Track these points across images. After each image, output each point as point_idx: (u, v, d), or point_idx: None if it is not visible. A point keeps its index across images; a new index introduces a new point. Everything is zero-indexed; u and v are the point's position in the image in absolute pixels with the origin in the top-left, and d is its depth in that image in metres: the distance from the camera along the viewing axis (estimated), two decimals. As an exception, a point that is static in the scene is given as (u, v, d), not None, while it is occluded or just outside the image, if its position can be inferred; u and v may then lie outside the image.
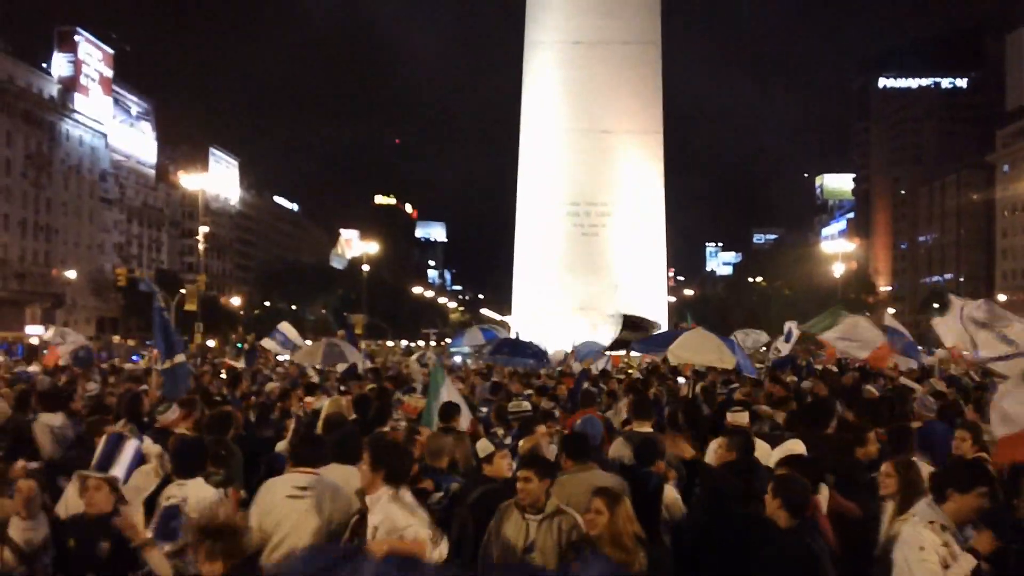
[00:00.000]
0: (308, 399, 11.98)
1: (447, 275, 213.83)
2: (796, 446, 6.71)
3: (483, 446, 6.86)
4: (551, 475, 5.62)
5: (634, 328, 20.21)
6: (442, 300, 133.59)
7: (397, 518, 4.95)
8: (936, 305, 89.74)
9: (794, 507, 5.03)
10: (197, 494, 5.67)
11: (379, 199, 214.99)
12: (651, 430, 8.01)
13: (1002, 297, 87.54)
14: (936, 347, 21.61)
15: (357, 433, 7.18)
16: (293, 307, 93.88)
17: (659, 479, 6.67)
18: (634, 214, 36.11)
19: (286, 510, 5.60)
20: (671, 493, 6.76)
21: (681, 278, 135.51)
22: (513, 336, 25.78)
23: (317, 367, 18.27)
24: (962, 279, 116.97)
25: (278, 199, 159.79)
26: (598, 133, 36.08)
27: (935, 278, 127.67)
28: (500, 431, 9.30)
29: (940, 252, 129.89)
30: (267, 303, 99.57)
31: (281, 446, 8.61)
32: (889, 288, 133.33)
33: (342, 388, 13.57)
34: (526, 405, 9.65)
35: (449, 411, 8.81)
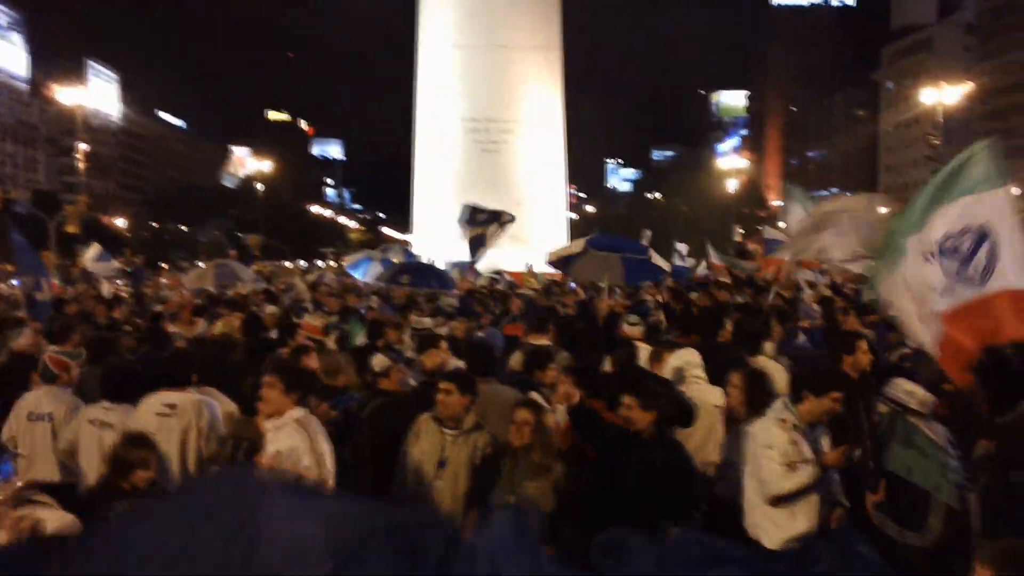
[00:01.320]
0: (197, 320, 11.70)
1: (346, 194, 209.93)
2: (690, 355, 6.89)
3: (379, 361, 6.83)
4: (473, 392, 5.52)
5: (483, 223, 19.81)
6: (342, 220, 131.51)
7: (302, 444, 4.89)
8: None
9: (663, 419, 5.28)
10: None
11: (272, 115, 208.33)
12: (548, 343, 8.12)
13: (883, 210, 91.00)
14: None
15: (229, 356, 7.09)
16: (184, 228, 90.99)
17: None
18: (535, 131, 35.99)
19: (154, 428, 5.50)
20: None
21: (583, 195, 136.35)
22: (414, 257, 25.64)
23: (211, 289, 17.86)
24: (848, 193, 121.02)
25: (165, 116, 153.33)
26: (496, 48, 35.58)
27: (823, 192, 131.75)
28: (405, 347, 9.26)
29: (828, 168, 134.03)
30: (155, 224, 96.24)
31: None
32: (780, 203, 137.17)
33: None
34: (427, 321, 9.64)
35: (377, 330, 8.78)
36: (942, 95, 43.45)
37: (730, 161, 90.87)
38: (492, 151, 35.85)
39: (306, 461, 4.83)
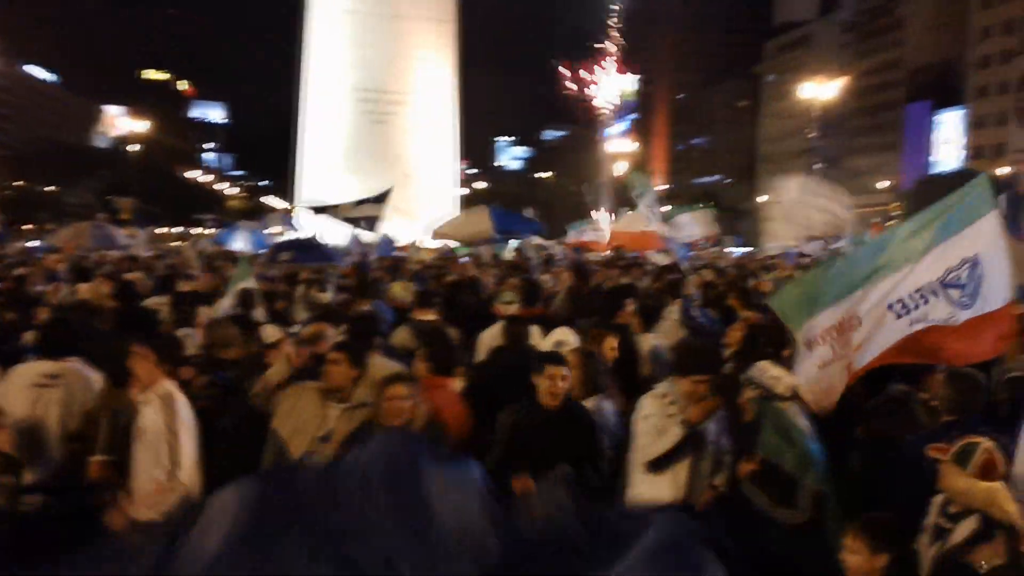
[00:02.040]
0: (59, 285, 11.13)
1: (227, 159, 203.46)
2: (564, 335, 6.93)
3: (269, 332, 6.62)
4: (362, 364, 5.34)
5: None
6: (221, 186, 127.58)
7: (161, 422, 4.75)
8: (701, 204, 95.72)
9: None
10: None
11: (149, 74, 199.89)
12: (434, 318, 8.05)
13: (761, 199, 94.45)
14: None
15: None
16: (51, 189, 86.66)
17: None
18: (426, 104, 35.71)
19: (31, 399, 5.18)
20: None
21: (473, 171, 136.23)
22: (292, 226, 25.16)
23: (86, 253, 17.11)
24: (728, 180, 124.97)
25: (32, 69, 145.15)
26: (391, 17, 35.05)
27: (705, 179, 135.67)
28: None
29: (711, 155, 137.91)
30: (20, 183, 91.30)
31: (29, 336, 7.95)
32: (666, 187, 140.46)
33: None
34: (325, 296, 9.42)
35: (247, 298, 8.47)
36: (819, 90, 45.11)
37: (620, 144, 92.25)
38: (382, 122, 35.41)
39: (161, 441, 4.68)
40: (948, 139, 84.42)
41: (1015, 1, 76.24)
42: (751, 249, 28.39)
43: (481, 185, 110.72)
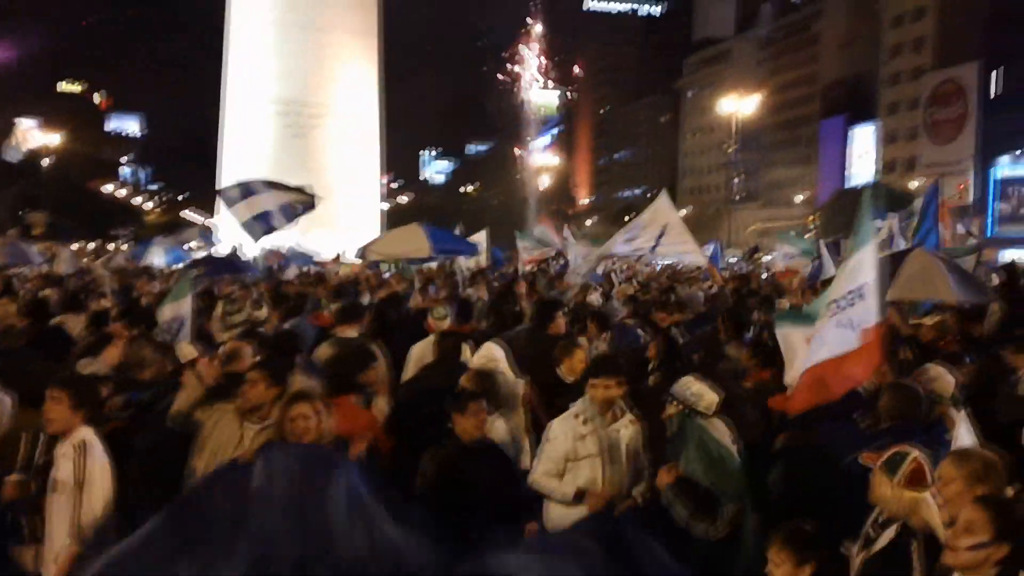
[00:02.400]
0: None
1: (143, 172, 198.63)
2: (493, 349, 6.91)
3: (185, 351, 6.43)
4: (282, 383, 5.19)
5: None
6: (138, 200, 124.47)
7: (72, 476, 4.55)
8: (627, 217, 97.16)
9: None
10: None
11: (63, 86, 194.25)
12: (356, 334, 7.94)
13: (684, 211, 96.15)
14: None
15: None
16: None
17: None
18: (349, 117, 35.42)
19: None
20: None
21: (396, 184, 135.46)
22: (212, 241, 24.68)
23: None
24: (650, 194, 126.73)
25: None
26: (313, 30, 34.71)
27: (627, 192, 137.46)
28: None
29: (633, 169, 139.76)
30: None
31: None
32: (588, 200, 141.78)
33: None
34: (261, 315, 9.19)
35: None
36: (738, 105, 46.12)
37: (543, 157, 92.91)
38: (303, 135, 35.00)
39: (70, 502, 4.53)
40: (862, 153, 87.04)
41: (924, 19, 79.22)
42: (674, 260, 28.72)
43: (405, 199, 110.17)
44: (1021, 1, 64.18)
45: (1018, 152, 67.70)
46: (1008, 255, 45.75)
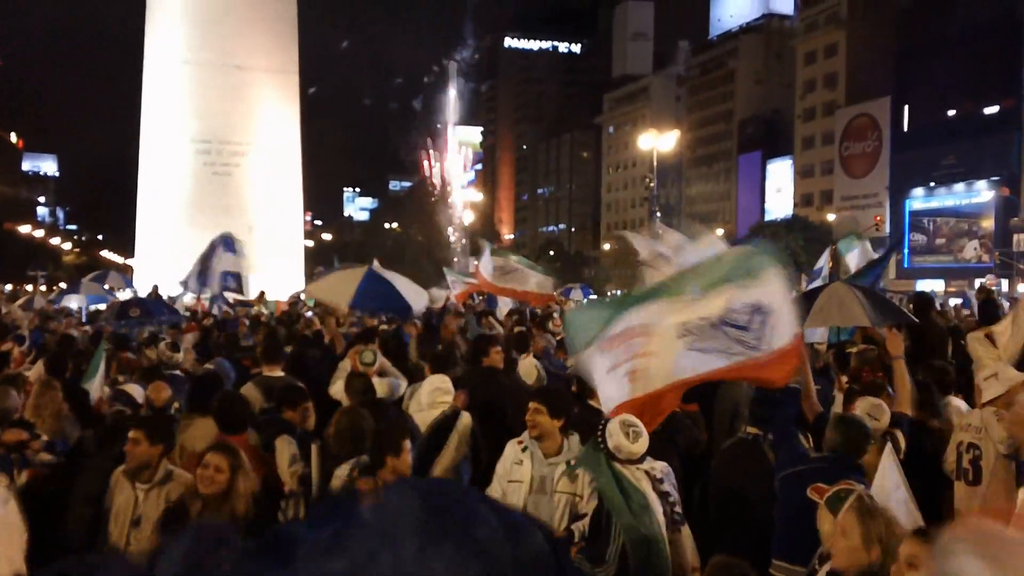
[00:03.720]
0: None
1: (60, 213, 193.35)
2: (440, 381, 6.92)
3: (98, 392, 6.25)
4: (163, 439, 4.98)
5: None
6: (54, 240, 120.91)
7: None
8: (551, 252, 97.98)
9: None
10: None
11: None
12: (282, 374, 7.84)
13: (606, 246, 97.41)
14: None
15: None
16: None
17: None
18: (270, 155, 35.03)
19: None
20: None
21: (319, 222, 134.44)
22: (131, 283, 24.18)
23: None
24: (573, 229, 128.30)
25: None
26: (231, 68, 34.37)
27: (551, 227, 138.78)
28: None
29: (556, 204, 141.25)
30: None
31: None
32: (512, 236, 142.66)
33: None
34: (178, 357, 8.95)
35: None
36: (657, 141, 47.02)
37: (467, 194, 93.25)
38: (223, 174, 34.49)
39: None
40: (779, 187, 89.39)
41: (835, 56, 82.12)
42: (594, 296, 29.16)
43: (328, 236, 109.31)
44: (924, 39, 67.13)
45: (931, 184, 70.36)
46: (922, 286, 47.25)
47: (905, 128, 72.91)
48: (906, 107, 72.62)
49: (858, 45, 79.55)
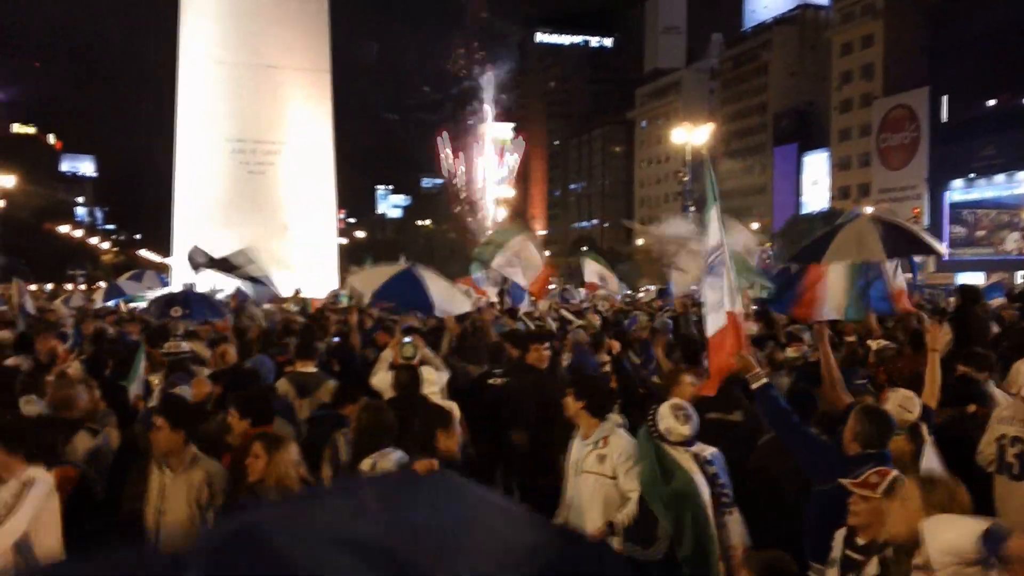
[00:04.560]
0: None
1: (98, 213, 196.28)
2: (431, 374, 7.28)
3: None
4: (187, 424, 5.08)
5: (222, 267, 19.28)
6: (93, 240, 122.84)
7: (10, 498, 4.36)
8: (584, 248, 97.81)
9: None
10: None
11: (16, 128, 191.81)
12: (315, 369, 7.90)
13: (639, 241, 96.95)
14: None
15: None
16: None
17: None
18: (304, 154, 35.26)
19: None
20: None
21: (352, 220, 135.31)
22: (167, 282, 24.51)
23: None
24: (606, 224, 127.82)
25: None
26: (264, 68, 34.64)
27: (583, 223, 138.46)
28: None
29: (587, 200, 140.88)
30: None
31: None
32: (544, 232, 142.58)
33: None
34: (184, 346, 9.01)
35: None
36: (690, 135, 46.66)
37: (499, 190, 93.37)
38: (258, 173, 34.76)
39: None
40: (815, 180, 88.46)
41: (872, 47, 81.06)
42: (629, 292, 29.10)
43: (361, 234, 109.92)
44: (962, 28, 66.01)
45: (971, 176, 69.24)
46: (962, 279, 46.54)
47: (944, 119, 71.79)
48: (944, 98, 71.49)
49: (895, 35, 78.46)
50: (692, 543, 4.61)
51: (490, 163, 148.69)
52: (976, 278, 54.61)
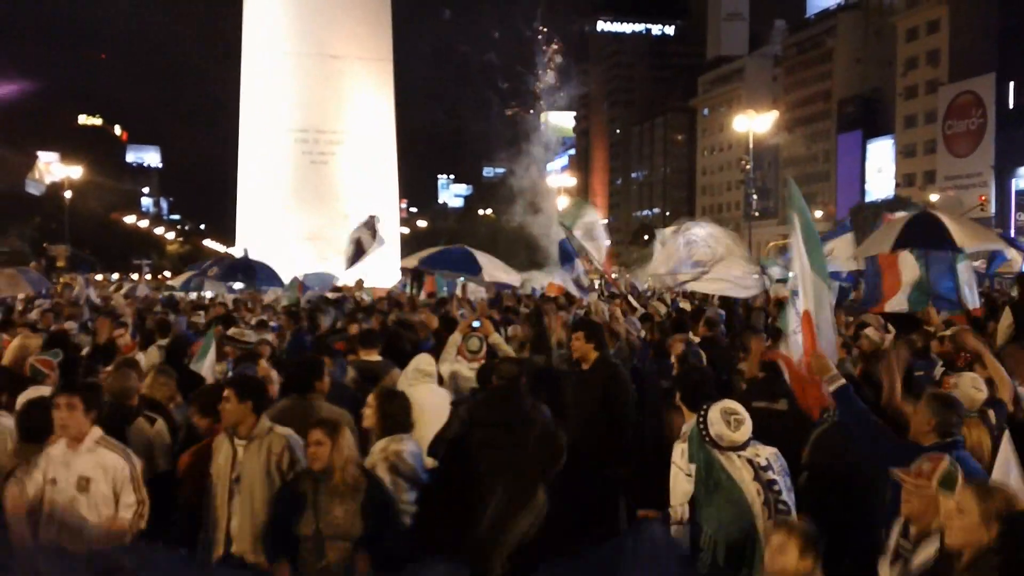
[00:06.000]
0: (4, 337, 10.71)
1: (163, 203, 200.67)
2: (423, 361, 7.13)
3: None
4: (253, 396, 5.21)
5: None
6: (158, 230, 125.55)
7: (119, 463, 4.82)
8: (645, 237, 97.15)
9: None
10: None
11: (83, 119, 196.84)
12: (379, 358, 7.95)
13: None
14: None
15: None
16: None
17: None
18: (365, 143, 35.53)
19: None
20: None
21: (414, 209, 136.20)
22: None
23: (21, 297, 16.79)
24: (668, 212, 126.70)
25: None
26: (327, 58, 34.97)
27: (645, 212, 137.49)
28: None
29: (649, 188, 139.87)
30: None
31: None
32: (605, 221, 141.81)
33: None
34: (249, 334, 9.16)
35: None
36: (753, 123, 46.02)
37: (559, 179, 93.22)
38: (321, 163, 35.14)
39: (127, 481, 4.80)
40: (880, 168, 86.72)
41: (938, 33, 79.06)
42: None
43: (423, 224, 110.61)
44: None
45: (1038, 163, 67.41)
46: (1030, 267, 45.05)
47: (1011, 105, 69.86)
48: (1011, 84, 69.55)
49: (961, 21, 76.41)
50: (735, 557, 4.44)
51: (552, 152, 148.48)
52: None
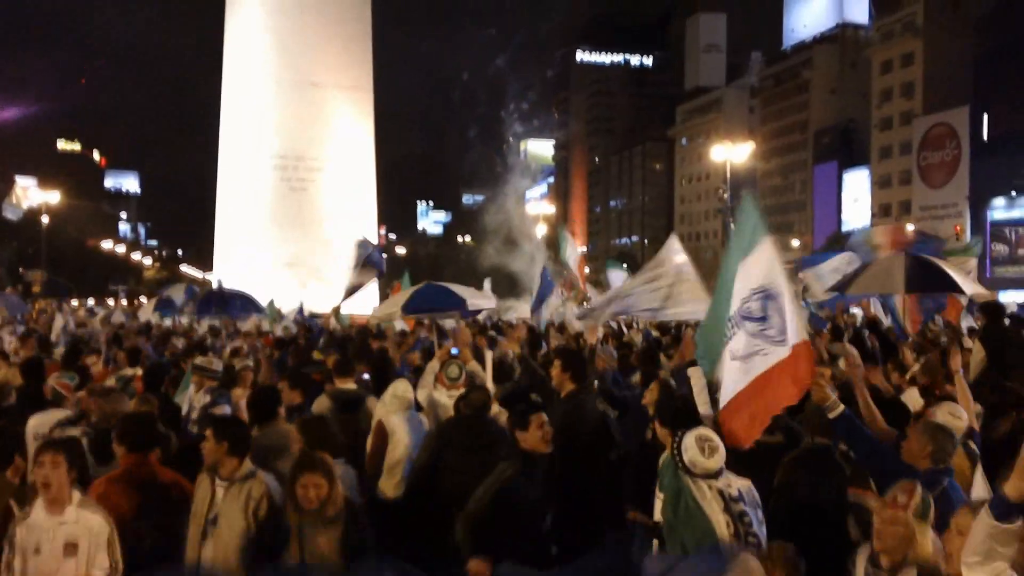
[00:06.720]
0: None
1: (141, 229, 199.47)
2: (400, 386, 7.14)
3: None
4: (230, 438, 5.06)
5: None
6: (135, 256, 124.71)
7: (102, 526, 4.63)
8: (625, 264, 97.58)
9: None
10: None
11: (62, 144, 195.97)
12: (354, 386, 7.93)
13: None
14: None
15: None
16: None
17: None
18: (345, 170, 35.65)
19: None
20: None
21: (393, 235, 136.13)
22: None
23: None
24: (646, 241, 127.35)
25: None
26: (307, 86, 35.13)
27: (624, 240, 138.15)
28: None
29: (628, 216, 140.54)
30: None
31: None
32: (584, 248, 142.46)
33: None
34: (216, 362, 9.07)
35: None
36: (730, 153, 46.45)
37: (538, 207, 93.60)
38: (299, 189, 35.20)
39: (103, 546, 4.60)
40: (856, 197, 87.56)
41: (912, 66, 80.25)
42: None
43: (402, 250, 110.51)
44: (1002, 45, 65.15)
45: (1012, 194, 68.22)
46: (1004, 297, 45.67)
47: (985, 137, 70.88)
48: (985, 115, 70.60)
49: (935, 53, 77.69)
50: None
51: (531, 180, 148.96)
52: (1018, 296, 53.62)
